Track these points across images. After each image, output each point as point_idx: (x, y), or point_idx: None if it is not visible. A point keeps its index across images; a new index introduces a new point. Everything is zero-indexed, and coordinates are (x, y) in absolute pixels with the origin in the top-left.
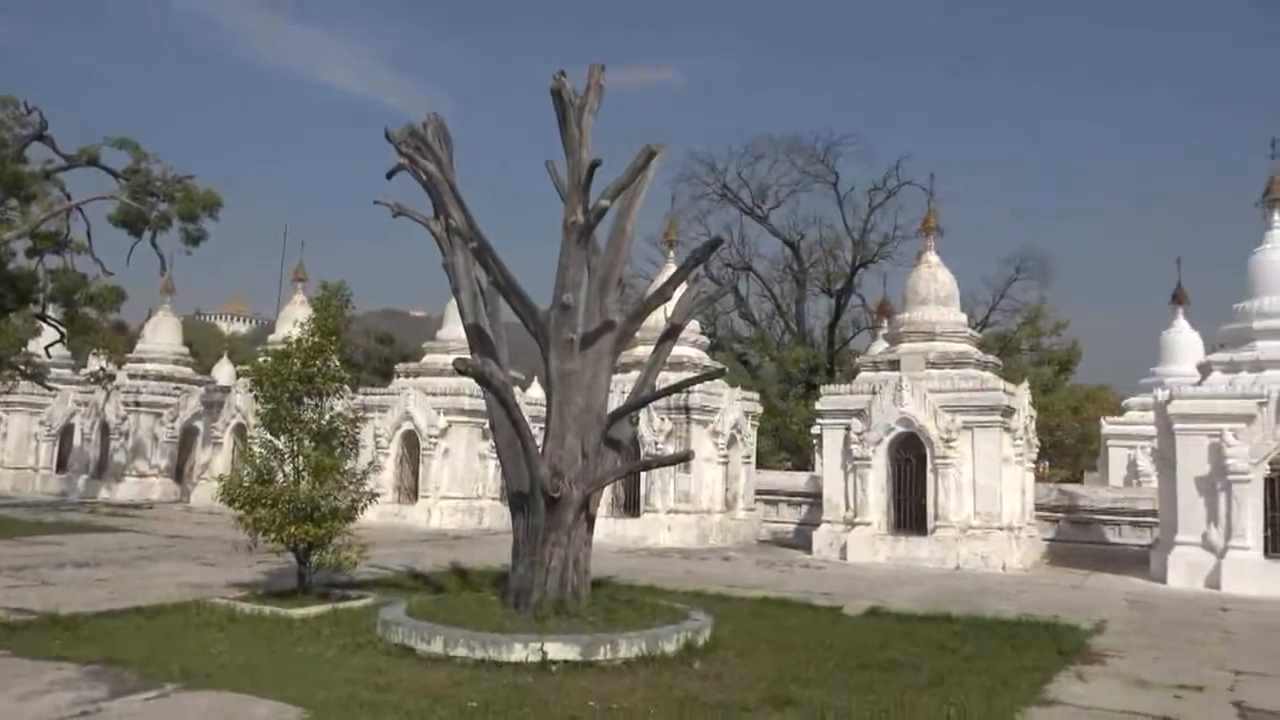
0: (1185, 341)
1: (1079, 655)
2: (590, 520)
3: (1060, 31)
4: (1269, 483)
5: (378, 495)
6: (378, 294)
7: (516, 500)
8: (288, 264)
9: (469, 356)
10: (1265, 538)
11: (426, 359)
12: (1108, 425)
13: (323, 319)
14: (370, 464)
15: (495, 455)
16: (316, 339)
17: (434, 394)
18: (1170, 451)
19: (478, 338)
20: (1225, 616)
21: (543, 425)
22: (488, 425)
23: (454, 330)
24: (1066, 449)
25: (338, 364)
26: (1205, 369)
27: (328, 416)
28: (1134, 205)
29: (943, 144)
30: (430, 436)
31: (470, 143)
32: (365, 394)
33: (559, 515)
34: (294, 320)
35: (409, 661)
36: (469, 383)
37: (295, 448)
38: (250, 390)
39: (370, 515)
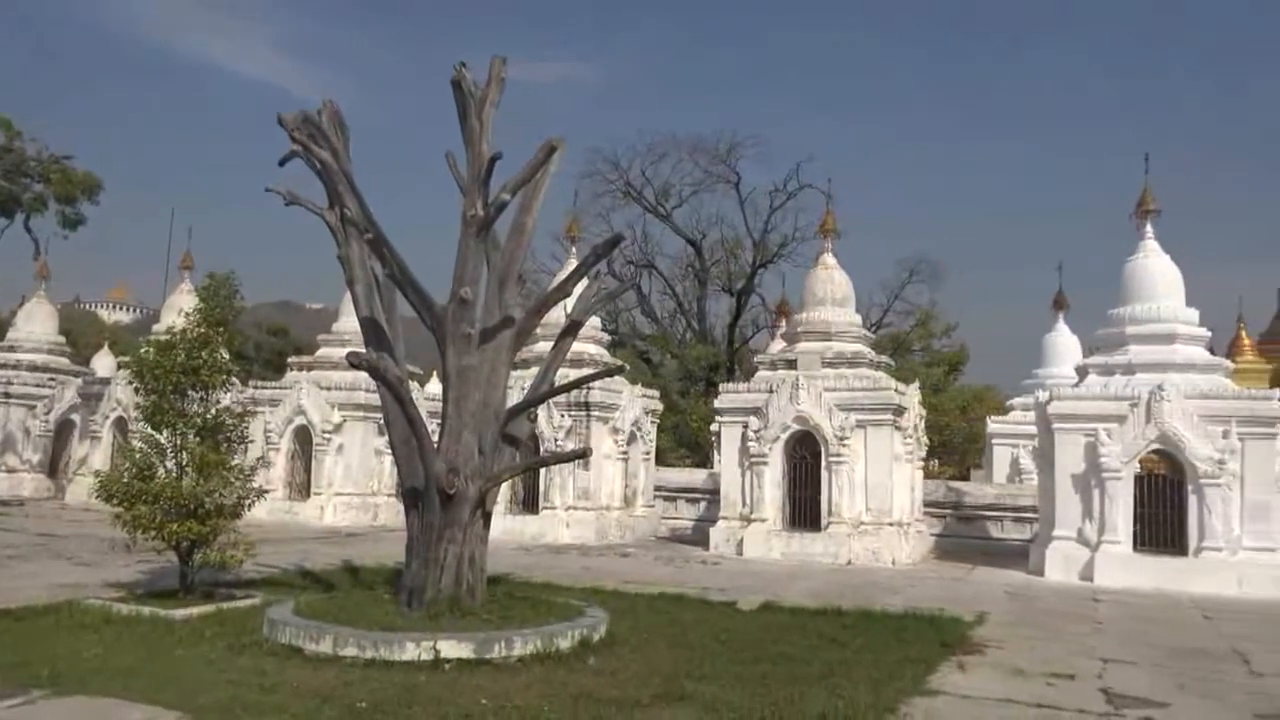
0: (1065, 344)
1: (961, 646)
2: (487, 517)
3: (952, 45)
4: (1139, 480)
5: (267, 491)
6: (273, 285)
7: (411, 497)
8: (174, 252)
9: (363, 350)
10: (1134, 532)
11: (321, 352)
12: (992, 424)
13: (210, 309)
14: (259, 459)
15: (391, 451)
16: (203, 330)
17: (328, 388)
18: (1049, 450)
19: (372, 331)
20: (1097, 607)
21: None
22: (383, 420)
23: (349, 323)
24: (955, 447)
25: (226, 356)
26: (1082, 371)
27: (214, 410)
28: (1019, 212)
29: (842, 149)
30: (324, 431)
31: (371, 132)
32: (256, 387)
33: (455, 512)
34: (179, 310)
35: (296, 662)
36: (365, 377)
37: (179, 442)
38: (131, 382)
39: (259, 512)
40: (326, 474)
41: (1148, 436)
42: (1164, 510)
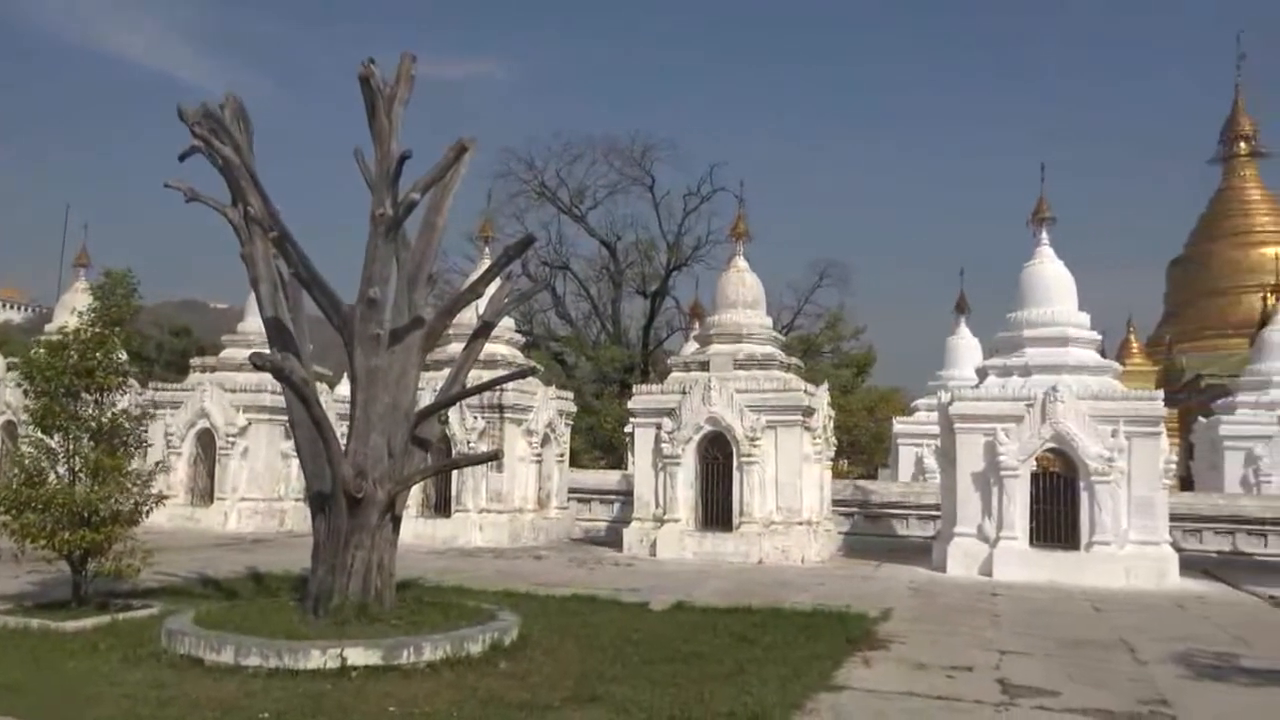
0: (966, 347)
1: (866, 642)
2: (396, 521)
3: (857, 50)
4: (1035, 478)
5: (167, 497)
6: (177, 283)
7: (317, 501)
8: (69, 249)
9: (268, 350)
10: (1031, 528)
11: (225, 353)
12: (898, 425)
13: (105, 308)
14: (158, 464)
15: (297, 454)
16: (98, 329)
17: (233, 390)
18: (951, 449)
19: (277, 331)
20: (995, 601)
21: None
22: (289, 423)
23: (255, 323)
24: (863, 447)
25: (123, 357)
26: (982, 373)
27: (110, 413)
28: (926, 217)
29: (755, 153)
30: (228, 435)
31: (278, 126)
32: (156, 389)
33: (362, 516)
34: (73, 309)
35: (196, 673)
36: (271, 378)
37: (71, 447)
38: (21, 384)
39: (159, 519)
40: (231, 478)
41: (1043, 436)
42: (1058, 506)
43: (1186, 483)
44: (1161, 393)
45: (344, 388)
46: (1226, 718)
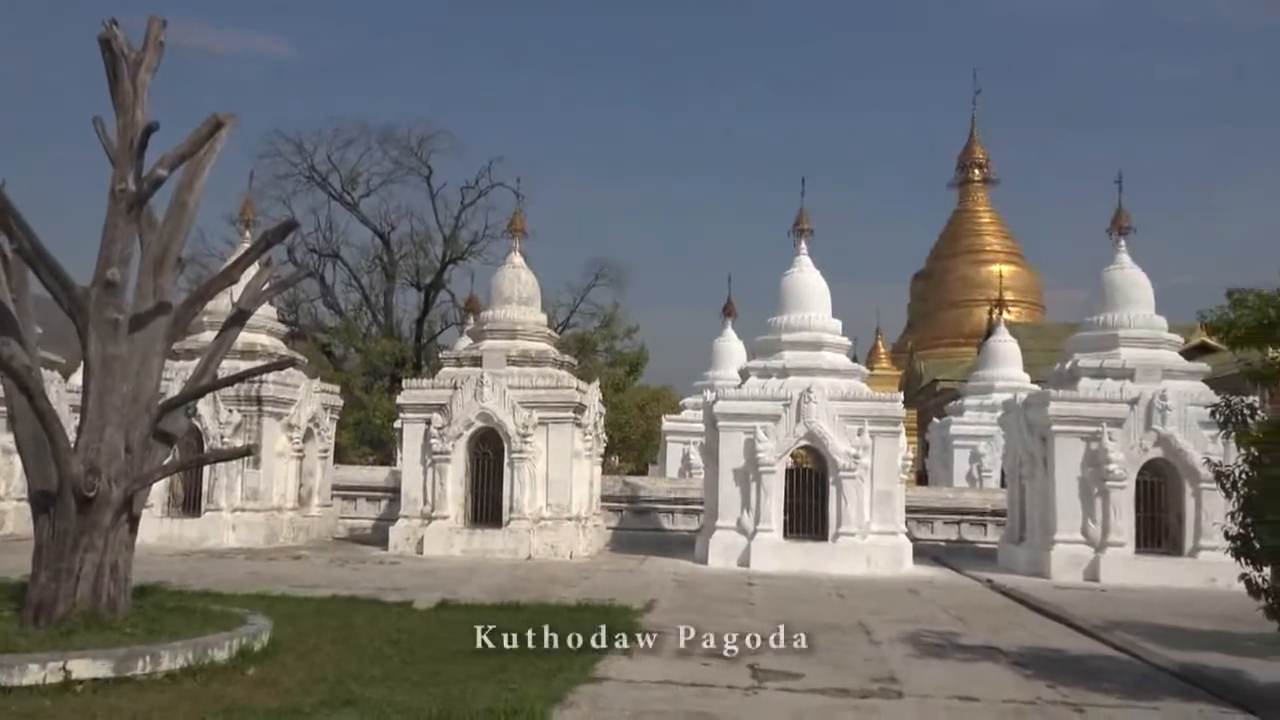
0: (732, 349)
1: (628, 634)
2: (134, 521)
3: (641, 58)
4: (790, 474)
5: None
6: None
7: (41, 501)
8: None
9: None
10: (785, 521)
11: None
12: (667, 422)
13: None
14: None
15: (18, 450)
16: None
17: None
18: (715, 446)
19: None
20: (751, 591)
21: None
22: (9, 415)
23: None
24: (633, 444)
25: None
26: (745, 374)
27: None
28: (696, 223)
29: (534, 151)
30: None
31: (6, 89)
32: None
33: (94, 516)
34: None
35: None
36: None
37: None
38: None
39: None
40: None
41: (798, 434)
42: (810, 500)
43: (922, 478)
44: (902, 395)
45: (79, 377)
46: (943, 690)
